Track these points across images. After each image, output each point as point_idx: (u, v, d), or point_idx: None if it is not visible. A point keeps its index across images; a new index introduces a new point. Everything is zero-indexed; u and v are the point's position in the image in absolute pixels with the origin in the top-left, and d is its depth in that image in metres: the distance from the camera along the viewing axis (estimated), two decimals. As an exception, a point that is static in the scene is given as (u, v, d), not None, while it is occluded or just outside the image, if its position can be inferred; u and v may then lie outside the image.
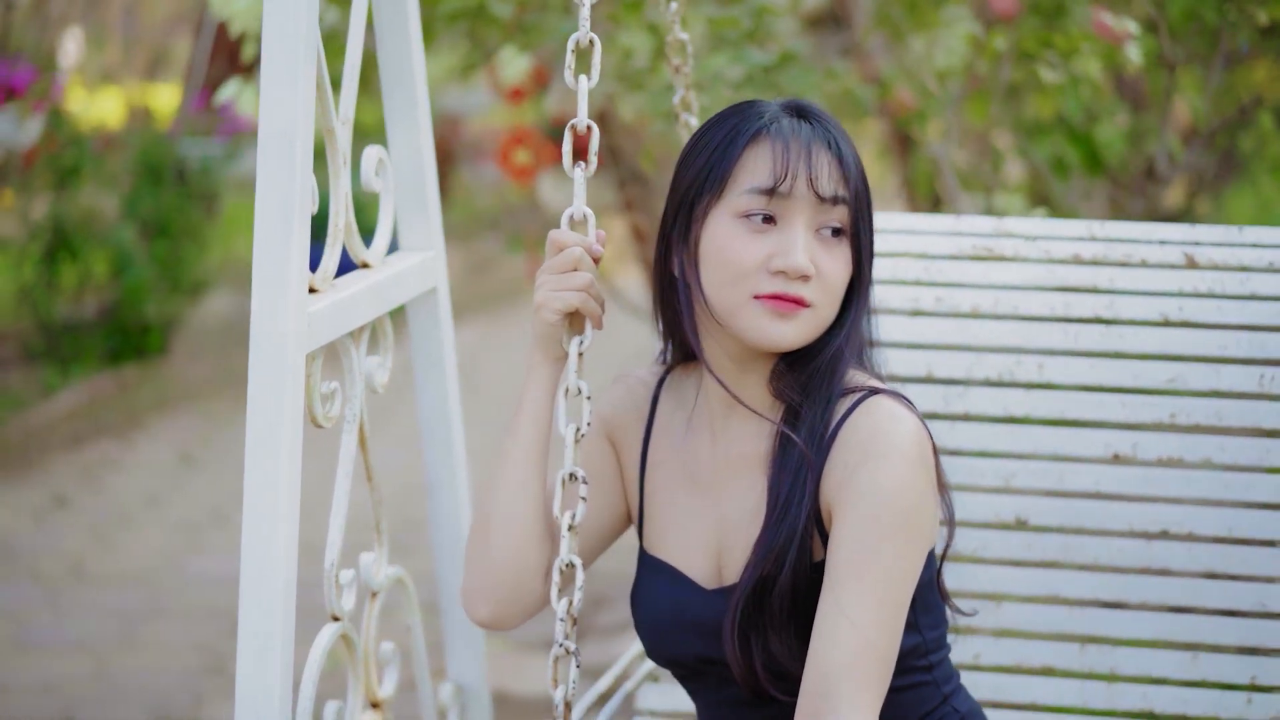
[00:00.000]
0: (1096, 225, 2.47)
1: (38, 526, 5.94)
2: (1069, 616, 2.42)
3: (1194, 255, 2.42)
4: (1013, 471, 2.43)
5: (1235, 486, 2.37)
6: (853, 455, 1.86)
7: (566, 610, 1.87)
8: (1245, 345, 2.37)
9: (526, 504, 2.02)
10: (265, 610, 1.94)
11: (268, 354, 1.93)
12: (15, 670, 4.60)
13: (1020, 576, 2.43)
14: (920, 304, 2.49)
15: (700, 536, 1.99)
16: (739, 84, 3.50)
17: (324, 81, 2.06)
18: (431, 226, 2.46)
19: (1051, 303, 2.45)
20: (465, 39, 4.08)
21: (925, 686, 1.97)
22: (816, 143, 1.89)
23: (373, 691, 2.35)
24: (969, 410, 2.45)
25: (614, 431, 2.09)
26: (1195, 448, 2.38)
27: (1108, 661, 2.41)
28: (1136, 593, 2.39)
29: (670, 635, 2.00)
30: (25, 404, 7.01)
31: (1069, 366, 2.43)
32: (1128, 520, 2.40)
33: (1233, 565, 2.35)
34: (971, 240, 2.50)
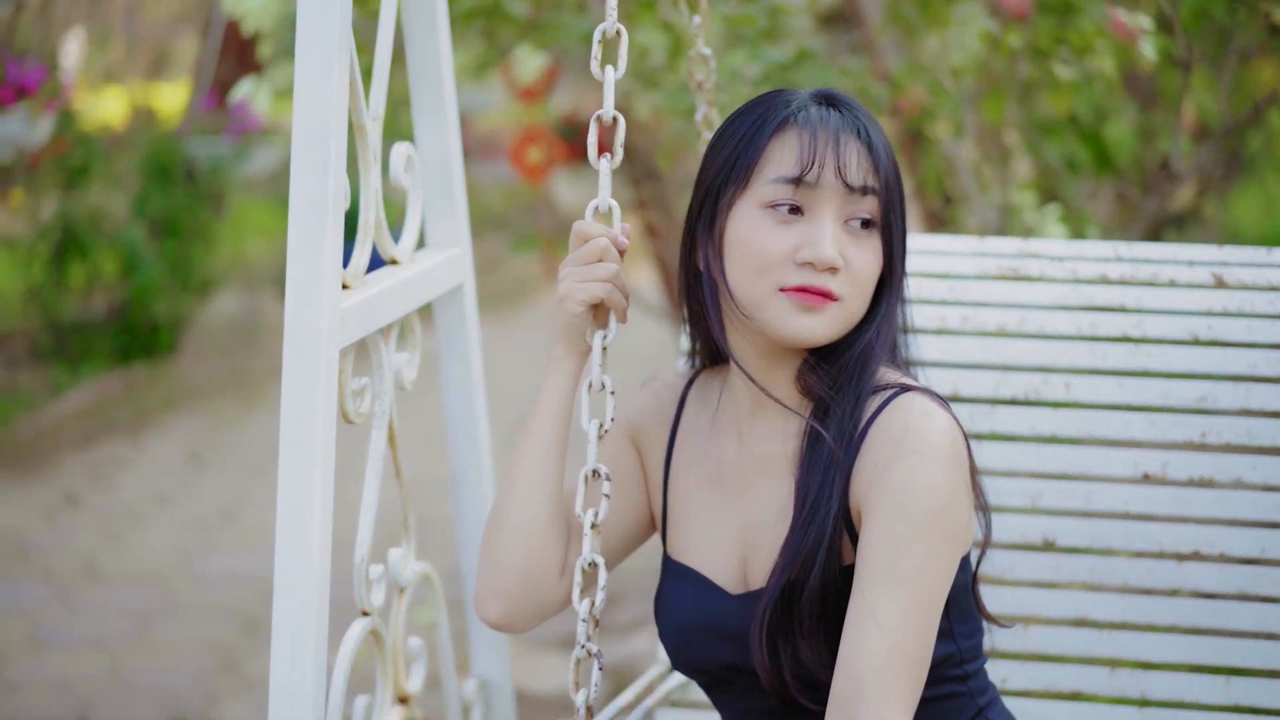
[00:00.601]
0: (1124, 246, 2.45)
1: (49, 525, 5.94)
2: (1098, 639, 2.39)
3: (1222, 275, 2.39)
4: (1040, 491, 2.41)
5: (1267, 506, 2.33)
6: (883, 453, 1.80)
7: (589, 611, 1.83)
8: (1276, 364, 2.34)
9: (542, 502, 1.97)
10: (299, 606, 1.94)
11: (302, 350, 1.94)
12: (29, 669, 4.61)
13: (1048, 598, 2.41)
14: (946, 323, 2.47)
15: (725, 540, 1.94)
16: (757, 82, 3.51)
17: (355, 78, 2.06)
18: (458, 223, 2.47)
19: (1078, 322, 2.43)
20: (481, 37, 4.08)
21: (959, 697, 1.92)
22: (845, 131, 1.84)
23: (400, 686, 2.35)
24: (996, 429, 2.43)
25: (638, 436, 2.06)
26: (1226, 467, 2.35)
27: (1139, 686, 2.38)
28: (1167, 615, 2.37)
29: (695, 642, 1.95)
30: (35, 403, 7.01)
31: (1096, 385, 2.41)
32: (1158, 541, 2.37)
33: (1266, 587, 2.32)
34: (997, 261, 2.49)
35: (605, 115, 1.95)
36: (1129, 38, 3.89)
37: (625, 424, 2.06)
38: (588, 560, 1.85)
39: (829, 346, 1.88)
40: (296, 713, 1.94)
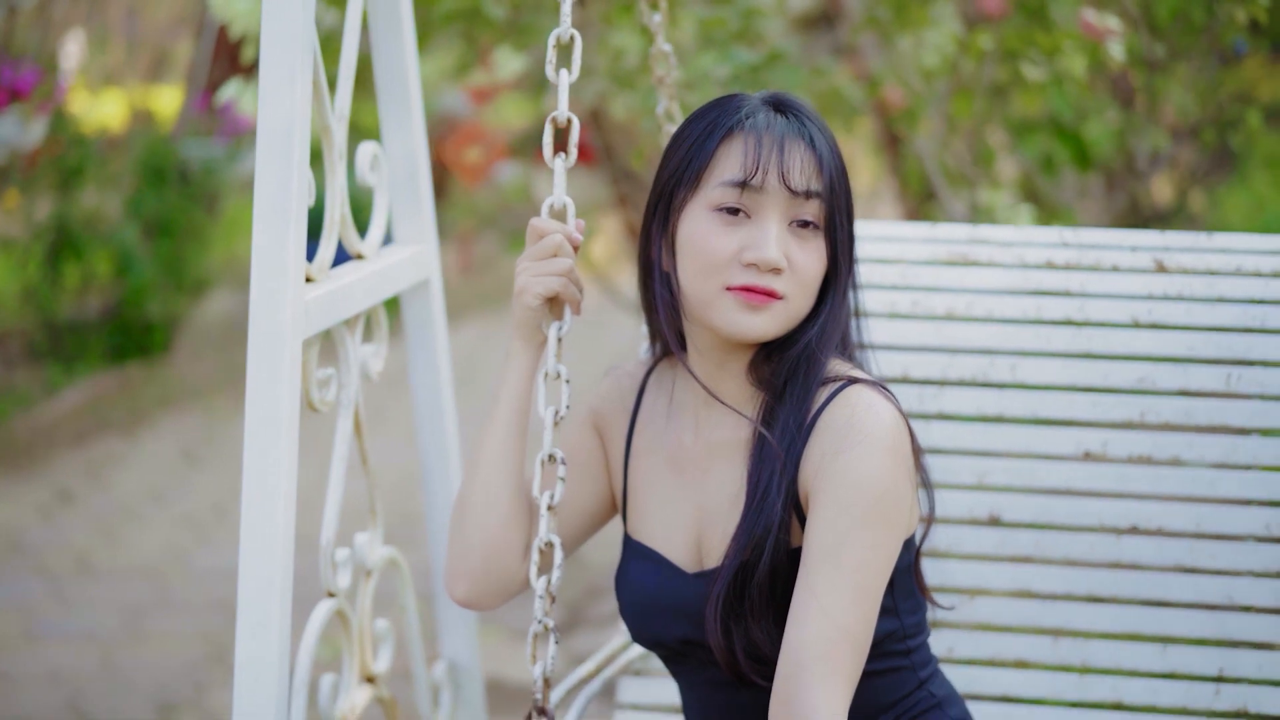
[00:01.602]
0: (1069, 232, 2.54)
1: (44, 521, 6.02)
2: (1041, 610, 2.47)
3: (1163, 260, 2.48)
4: (986, 469, 2.49)
5: (1203, 483, 2.42)
6: (829, 444, 1.89)
7: (545, 589, 1.96)
8: (1212, 346, 2.43)
9: (504, 486, 2.07)
10: (264, 586, 2.02)
11: (266, 340, 2.02)
12: (23, 661, 4.69)
13: (994, 571, 2.49)
14: (897, 308, 2.55)
15: (682, 521, 2.03)
16: (726, 82, 3.59)
17: (320, 80, 2.15)
18: (425, 220, 2.55)
19: (1024, 306, 2.51)
20: (460, 39, 4.17)
21: (902, 671, 2.01)
22: (790, 137, 1.92)
23: (367, 667, 2.43)
24: (944, 410, 2.51)
25: (601, 422, 2.15)
26: (1164, 446, 2.44)
27: (1080, 654, 2.46)
28: (1107, 587, 2.45)
29: (653, 618, 2.04)
30: (31, 402, 7.08)
31: (1041, 367, 2.50)
32: (1099, 516, 2.45)
33: (1201, 560, 2.41)
34: (947, 247, 2.57)
35: (560, 117, 2.04)
36: (1099, 38, 3.97)
37: (588, 411, 2.16)
38: (544, 541, 1.97)
39: (778, 341, 1.97)
40: (262, 688, 2.02)
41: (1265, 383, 2.40)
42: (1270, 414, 2.40)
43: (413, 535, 4.33)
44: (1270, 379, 2.40)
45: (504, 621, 4.77)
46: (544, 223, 2.04)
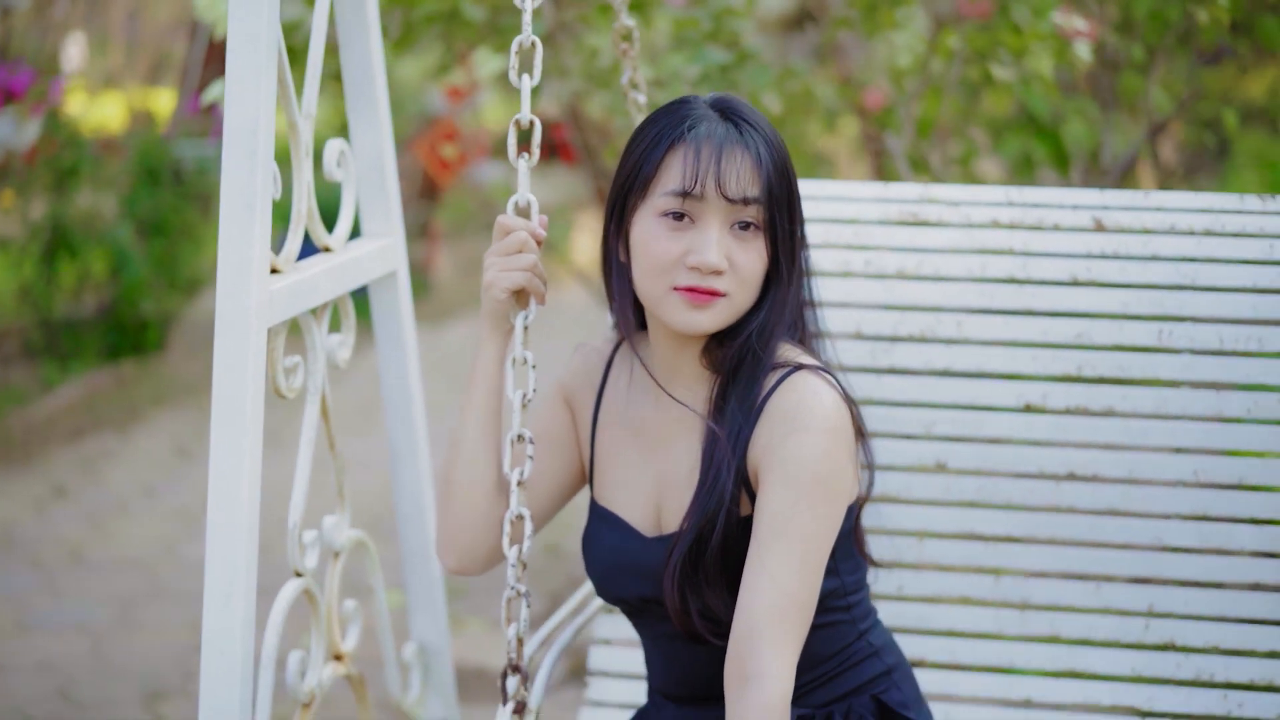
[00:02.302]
0: (1015, 191, 2.66)
1: (38, 515, 6.10)
2: (984, 551, 2.63)
3: (1102, 219, 2.61)
4: (934, 420, 2.64)
5: (1135, 433, 2.57)
6: (777, 427, 2.05)
7: (517, 557, 2.14)
8: (1146, 303, 2.57)
9: (484, 464, 2.22)
10: (229, 563, 2.12)
11: (232, 328, 2.12)
12: (14, 651, 4.78)
13: (940, 515, 2.64)
14: (851, 266, 2.68)
15: (643, 489, 2.19)
16: (696, 82, 3.68)
17: (286, 79, 2.24)
18: (392, 214, 2.64)
19: (970, 265, 2.64)
20: (440, 41, 4.25)
21: (843, 624, 2.18)
22: (729, 146, 2.06)
23: (335, 645, 2.52)
24: (894, 364, 2.65)
25: (570, 396, 2.30)
26: (1099, 398, 2.59)
27: (1020, 592, 2.62)
28: (1046, 529, 2.60)
29: (614, 577, 2.20)
30: (26, 398, 7.15)
31: (985, 324, 2.63)
32: (1038, 464, 2.60)
33: (1133, 504, 2.57)
34: (899, 206, 2.70)
35: (523, 119, 2.18)
36: (1070, 38, 4.05)
37: (558, 385, 2.31)
38: (515, 514, 2.16)
39: (728, 330, 2.12)
40: (227, 661, 2.13)
41: (1195, 338, 2.55)
42: (1199, 368, 2.55)
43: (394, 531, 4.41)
44: (1200, 334, 2.55)
45: (488, 613, 4.86)
46: (509, 220, 2.18)
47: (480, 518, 2.23)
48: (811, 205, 2.68)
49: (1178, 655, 2.55)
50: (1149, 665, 2.56)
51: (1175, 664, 2.55)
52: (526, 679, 2.20)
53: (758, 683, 1.95)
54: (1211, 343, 2.54)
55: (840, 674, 2.19)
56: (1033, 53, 4.11)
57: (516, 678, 2.18)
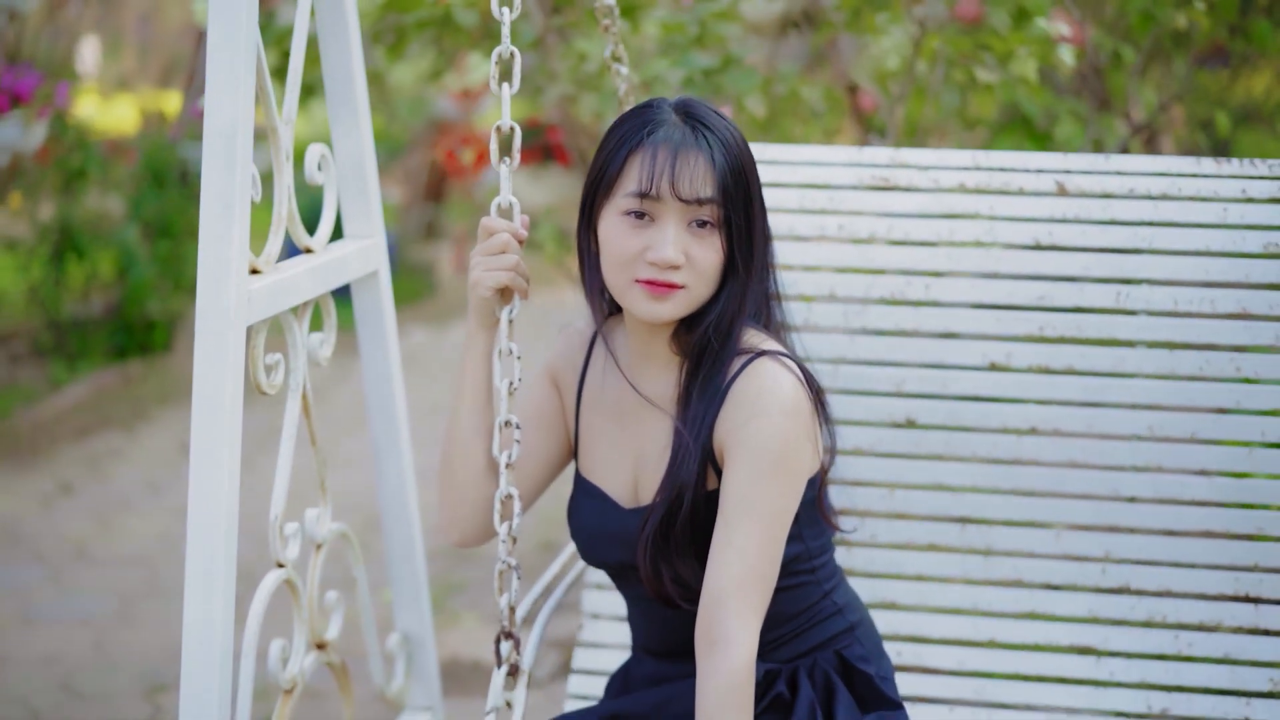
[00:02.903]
0: (982, 155, 2.78)
1: (44, 511, 6.17)
2: (952, 501, 2.77)
3: (1064, 183, 2.73)
4: (903, 378, 2.77)
5: (1094, 390, 2.70)
6: (740, 411, 2.20)
7: (508, 533, 2.32)
8: (1105, 266, 2.69)
9: (478, 448, 2.38)
10: (209, 553, 2.19)
11: (211, 326, 2.19)
12: (19, 644, 4.86)
13: (910, 468, 2.78)
14: (825, 231, 2.81)
15: (621, 463, 2.34)
16: (680, 85, 3.75)
17: (266, 86, 2.31)
18: (373, 216, 2.72)
19: (938, 229, 2.77)
20: (433, 46, 4.33)
21: (808, 585, 2.34)
22: (686, 150, 2.18)
23: (317, 633, 2.60)
24: (866, 325, 2.79)
25: (557, 376, 2.44)
26: (1060, 356, 2.72)
27: (984, 539, 2.77)
28: (1009, 481, 2.74)
29: (596, 544, 2.36)
30: (34, 397, 7.24)
31: (952, 286, 2.76)
32: (1002, 419, 2.74)
33: (1091, 457, 2.71)
34: (871, 171, 2.81)
35: (503, 125, 2.32)
36: (1074, 42, 4.11)
37: (546, 367, 2.46)
38: (504, 493, 2.33)
39: (693, 317, 2.26)
40: (207, 650, 2.20)
41: (1150, 300, 2.68)
42: (1154, 328, 2.68)
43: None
44: (1155, 296, 2.68)
45: (483, 608, 4.93)
46: (493, 221, 2.32)
47: (477, 496, 2.39)
48: (789, 170, 2.82)
49: (1132, 598, 2.70)
50: (1105, 607, 2.71)
51: (1130, 606, 2.70)
52: (519, 644, 2.37)
53: (724, 647, 2.12)
54: (1166, 304, 2.67)
55: (805, 631, 2.35)
56: (1017, 56, 4.17)
57: (509, 643, 2.36)
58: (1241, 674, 2.64)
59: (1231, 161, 2.66)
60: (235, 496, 2.22)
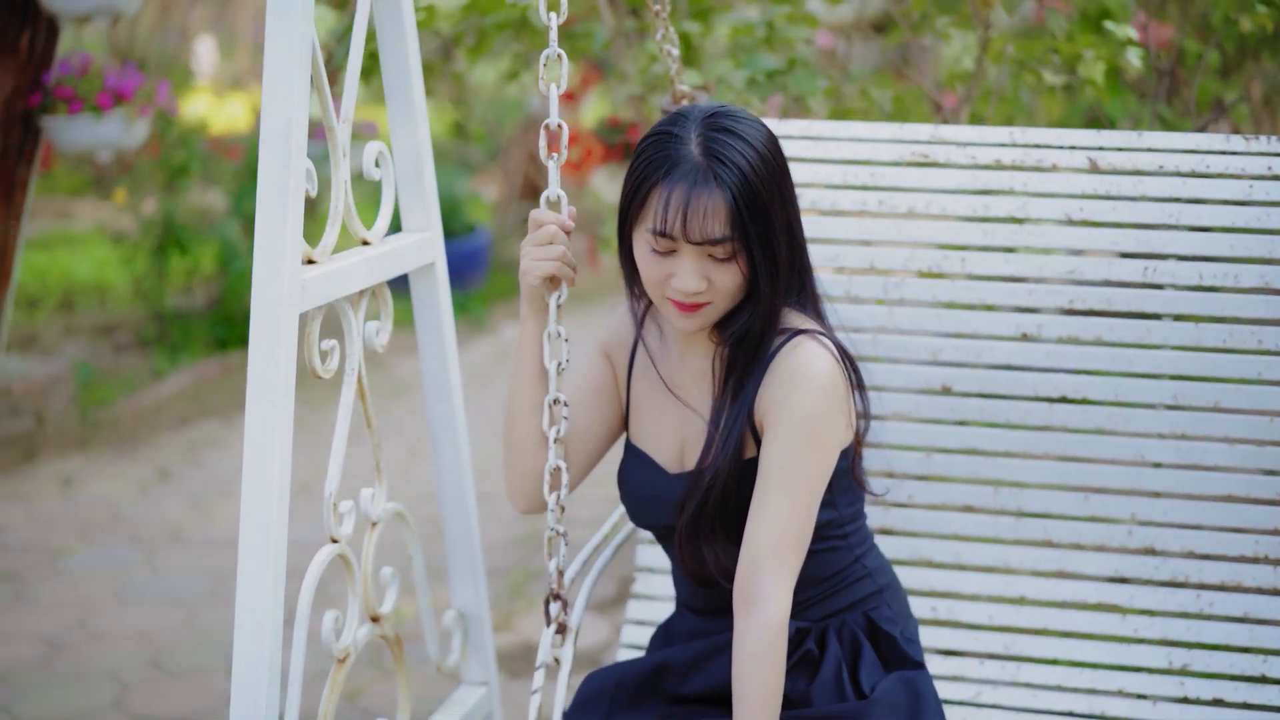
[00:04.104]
0: (1018, 132, 2.87)
1: (143, 496, 6.39)
2: (985, 465, 2.89)
3: (1097, 160, 2.81)
4: (940, 347, 2.89)
5: (1122, 360, 2.80)
6: (780, 385, 2.34)
7: (556, 502, 2.50)
8: (1134, 241, 2.78)
9: (531, 423, 2.52)
10: (262, 525, 2.33)
11: (265, 313, 2.33)
12: (112, 621, 5.06)
13: (945, 433, 2.91)
14: (867, 206, 2.92)
15: (668, 431, 2.49)
16: (743, 87, 3.85)
17: (324, 87, 2.44)
18: (429, 211, 2.84)
19: (974, 205, 2.87)
20: (512, 46, 4.46)
21: (839, 550, 2.48)
22: (698, 191, 2.26)
23: (371, 607, 2.73)
24: (904, 297, 2.90)
25: (611, 351, 2.59)
26: (1089, 328, 2.82)
27: (1016, 501, 2.89)
28: (1041, 446, 2.86)
29: (644, 506, 2.51)
30: (137, 386, 7.46)
31: (987, 260, 2.87)
32: (1034, 388, 2.85)
33: (1118, 424, 2.82)
34: (911, 147, 2.92)
35: (551, 123, 2.46)
36: (1160, 43, 4.15)
37: (599, 343, 2.60)
38: (552, 466, 2.50)
39: (731, 313, 2.38)
40: (258, 619, 2.33)
41: (1177, 274, 2.77)
42: (1181, 302, 2.78)
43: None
44: (1182, 271, 2.77)
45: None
46: (542, 214, 2.46)
47: (533, 467, 2.53)
48: (834, 146, 2.94)
49: (1156, 559, 2.81)
50: (1130, 568, 2.83)
51: (1154, 567, 2.81)
52: (566, 605, 2.55)
53: (760, 604, 2.26)
54: (1192, 279, 2.75)
55: (836, 593, 2.49)
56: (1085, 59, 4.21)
57: (558, 604, 2.55)
58: (1260, 632, 2.75)
59: (1259, 139, 2.73)
60: (287, 474, 2.35)
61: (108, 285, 8.57)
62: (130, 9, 6.12)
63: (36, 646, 4.83)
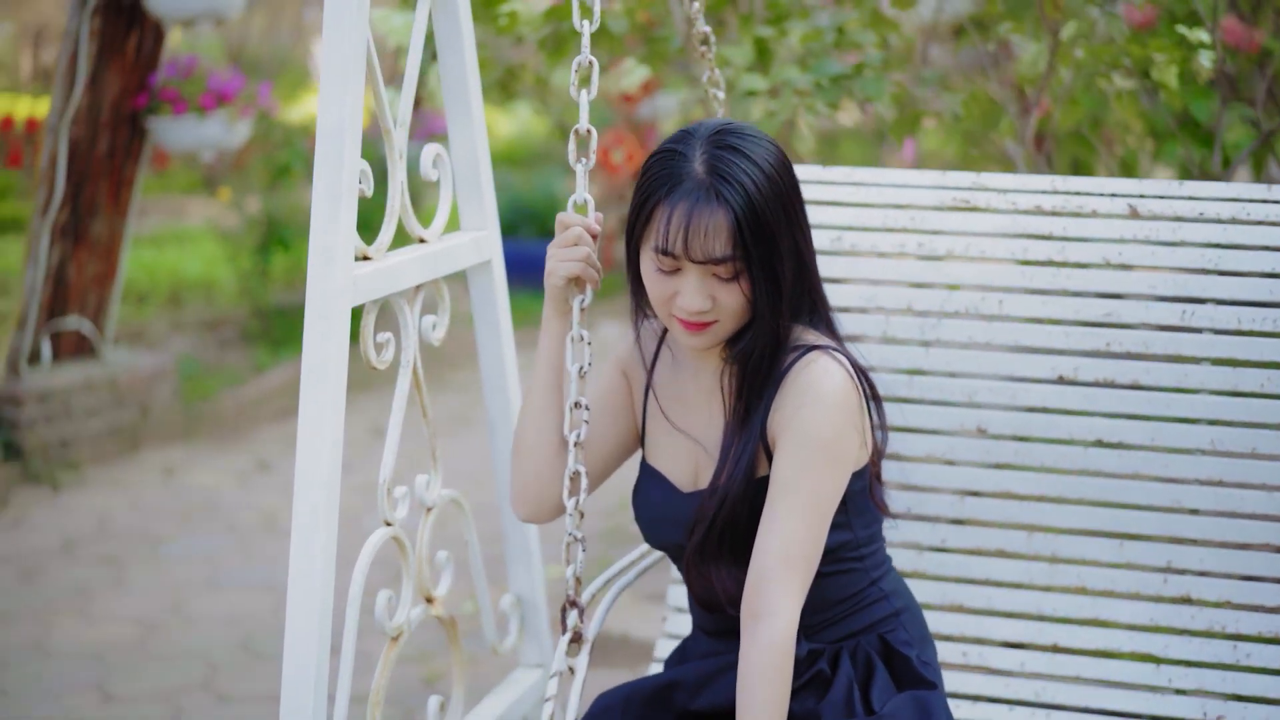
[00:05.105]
0: (1060, 180, 2.87)
1: (241, 486, 6.58)
2: (1019, 509, 2.87)
3: (1137, 207, 2.80)
4: (975, 389, 2.87)
5: (1158, 404, 2.78)
6: (791, 401, 2.32)
7: (575, 508, 2.44)
8: (1171, 285, 2.76)
9: (546, 428, 2.50)
10: (313, 507, 2.44)
11: (318, 307, 2.44)
12: (205, 605, 5.24)
13: (980, 476, 2.88)
14: (905, 248, 2.93)
15: (683, 450, 2.47)
16: (808, 92, 3.93)
17: (380, 92, 2.56)
18: (487, 209, 2.95)
19: (1012, 248, 2.86)
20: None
21: (856, 572, 2.44)
22: (700, 212, 2.25)
23: (426, 589, 2.85)
24: (940, 338, 2.90)
25: (628, 368, 2.57)
26: (1126, 371, 2.79)
27: (1050, 547, 2.86)
28: (1075, 490, 2.83)
29: (656, 525, 2.49)
30: (239, 380, 7.66)
31: (1024, 302, 2.86)
32: (1069, 431, 2.82)
33: (1154, 469, 2.78)
34: (953, 193, 2.92)
35: (581, 128, 2.48)
36: (1250, 45, 4.16)
37: (617, 360, 2.59)
38: (572, 470, 2.44)
39: (741, 330, 2.36)
40: (307, 598, 2.44)
41: (1216, 318, 2.73)
42: (1219, 346, 2.73)
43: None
44: (1220, 315, 2.73)
45: (635, 587, 5.15)
46: (568, 216, 2.47)
47: (545, 473, 2.50)
48: (875, 192, 2.95)
49: (1192, 608, 2.76)
50: (1166, 616, 2.78)
51: (1190, 616, 2.76)
52: (583, 612, 2.48)
53: (767, 619, 2.24)
54: (1231, 323, 2.72)
55: (851, 615, 2.45)
56: (1156, 63, 4.24)
57: (574, 611, 2.47)
58: (1298, 685, 2.69)
59: None
60: (338, 460, 2.47)
61: (214, 282, 8.80)
62: (233, 12, 6.32)
63: (132, 628, 5.03)
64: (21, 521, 6.13)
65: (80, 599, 5.30)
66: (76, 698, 4.50)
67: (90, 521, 6.14)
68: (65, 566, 5.64)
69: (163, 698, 4.51)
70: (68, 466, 6.70)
